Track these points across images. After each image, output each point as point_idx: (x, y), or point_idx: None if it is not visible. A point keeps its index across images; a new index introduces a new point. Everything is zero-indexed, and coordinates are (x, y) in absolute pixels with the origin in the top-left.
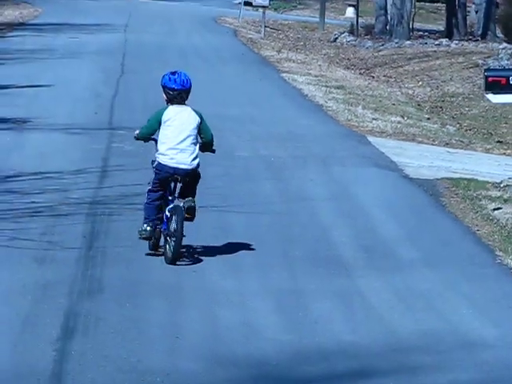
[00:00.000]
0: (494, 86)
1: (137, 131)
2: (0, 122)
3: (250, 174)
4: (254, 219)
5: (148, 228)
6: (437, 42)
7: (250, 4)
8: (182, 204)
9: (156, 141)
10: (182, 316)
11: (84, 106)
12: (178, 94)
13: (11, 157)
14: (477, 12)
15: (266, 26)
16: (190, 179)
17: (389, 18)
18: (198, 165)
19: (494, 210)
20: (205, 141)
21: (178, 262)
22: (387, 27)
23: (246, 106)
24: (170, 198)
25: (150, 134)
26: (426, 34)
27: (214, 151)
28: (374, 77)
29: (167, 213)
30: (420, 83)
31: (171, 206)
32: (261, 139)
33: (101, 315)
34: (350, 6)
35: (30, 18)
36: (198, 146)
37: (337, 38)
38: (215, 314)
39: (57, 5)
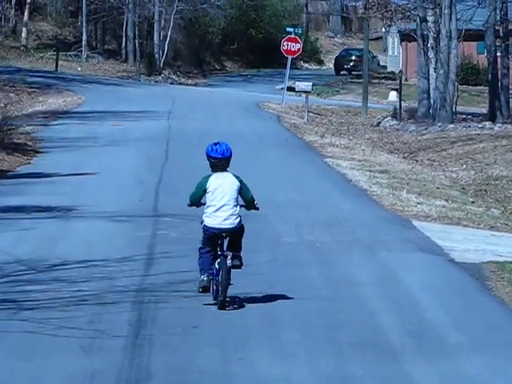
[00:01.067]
0: None
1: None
2: (46, 211)
3: (296, 260)
4: (300, 305)
5: (204, 278)
6: (480, 125)
7: (292, 89)
8: (230, 262)
9: (204, 204)
10: None
11: (129, 193)
12: (218, 161)
13: (57, 245)
14: None
15: (309, 111)
16: (234, 235)
17: (432, 102)
18: (240, 222)
19: None
20: (246, 201)
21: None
22: (430, 111)
23: (291, 191)
24: (219, 252)
25: (197, 200)
26: (469, 117)
27: (257, 209)
28: (417, 161)
29: (216, 265)
30: (464, 166)
31: (219, 260)
32: (306, 224)
33: None
34: (392, 90)
35: (73, 106)
36: (238, 206)
37: (380, 123)
38: None
39: (100, 92)
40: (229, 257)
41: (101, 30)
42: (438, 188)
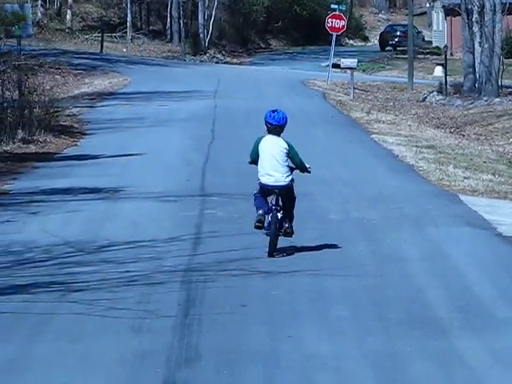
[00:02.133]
0: None
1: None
2: (93, 192)
3: (343, 237)
4: (348, 282)
5: (260, 212)
6: None
7: (338, 66)
8: (281, 215)
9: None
10: (279, 381)
11: (175, 173)
12: (274, 128)
13: (105, 226)
14: None
15: (354, 88)
16: (285, 194)
17: (477, 76)
18: (291, 181)
19: None
20: (295, 164)
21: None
22: (476, 85)
23: (337, 167)
24: (273, 207)
25: (255, 159)
26: None
27: (309, 172)
28: (464, 135)
29: (269, 218)
30: (511, 140)
31: (271, 214)
32: (352, 201)
33: (198, 383)
34: (438, 65)
35: (119, 87)
36: (287, 167)
37: (426, 98)
38: (311, 378)
39: (145, 73)
40: (280, 212)
41: (145, 11)
42: (484, 162)
